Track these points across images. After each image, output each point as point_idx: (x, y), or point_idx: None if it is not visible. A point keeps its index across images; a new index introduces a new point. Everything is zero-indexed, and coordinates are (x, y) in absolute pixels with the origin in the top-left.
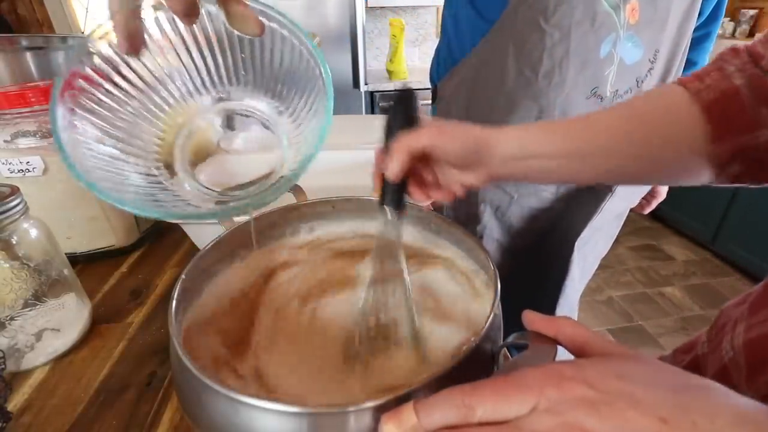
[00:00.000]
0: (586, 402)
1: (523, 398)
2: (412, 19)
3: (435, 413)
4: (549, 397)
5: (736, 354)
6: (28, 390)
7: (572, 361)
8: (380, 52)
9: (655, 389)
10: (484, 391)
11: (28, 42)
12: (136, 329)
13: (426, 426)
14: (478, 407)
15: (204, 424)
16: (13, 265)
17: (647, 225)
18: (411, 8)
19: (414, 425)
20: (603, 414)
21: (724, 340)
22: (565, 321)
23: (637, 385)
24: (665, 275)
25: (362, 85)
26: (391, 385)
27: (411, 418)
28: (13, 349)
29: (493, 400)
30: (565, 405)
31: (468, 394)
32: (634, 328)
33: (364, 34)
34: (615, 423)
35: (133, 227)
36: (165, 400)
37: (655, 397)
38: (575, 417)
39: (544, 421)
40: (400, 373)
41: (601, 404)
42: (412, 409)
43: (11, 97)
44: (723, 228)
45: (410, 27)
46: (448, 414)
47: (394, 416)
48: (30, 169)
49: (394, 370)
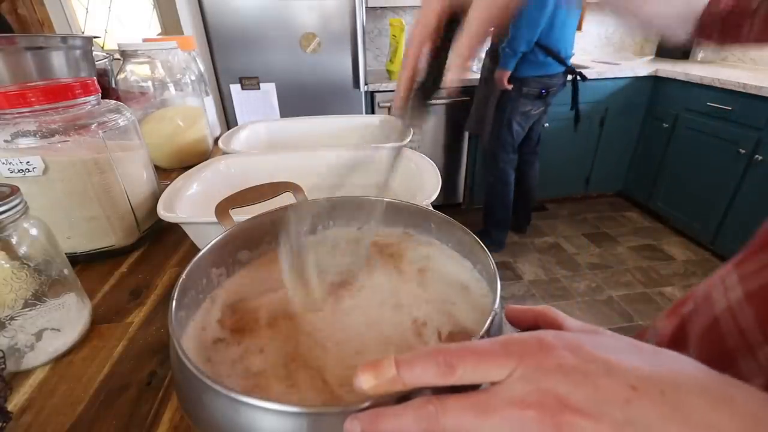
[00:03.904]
0: (561, 370)
1: (503, 363)
2: (412, 18)
3: (416, 368)
4: (527, 365)
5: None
6: (28, 390)
7: (554, 332)
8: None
9: (628, 360)
10: (466, 353)
11: (28, 42)
12: (136, 329)
13: (405, 380)
14: (459, 367)
15: (204, 424)
16: (13, 265)
17: (647, 225)
18: (411, 8)
19: (393, 378)
20: (576, 381)
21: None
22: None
23: (611, 355)
24: (665, 275)
25: (362, 85)
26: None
27: (390, 371)
28: (13, 349)
29: (474, 363)
30: (540, 372)
31: (451, 354)
32: (634, 327)
33: (364, 34)
34: (587, 390)
35: (133, 227)
36: (165, 400)
37: (627, 366)
38: (550, 384)
39: (519, 387)
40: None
41: (576, 372)
42: (392, 361)
43: (11, 97)
44: (723, 228)
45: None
46: (428, 371)
47: (372, 367)
48: (30, 169)
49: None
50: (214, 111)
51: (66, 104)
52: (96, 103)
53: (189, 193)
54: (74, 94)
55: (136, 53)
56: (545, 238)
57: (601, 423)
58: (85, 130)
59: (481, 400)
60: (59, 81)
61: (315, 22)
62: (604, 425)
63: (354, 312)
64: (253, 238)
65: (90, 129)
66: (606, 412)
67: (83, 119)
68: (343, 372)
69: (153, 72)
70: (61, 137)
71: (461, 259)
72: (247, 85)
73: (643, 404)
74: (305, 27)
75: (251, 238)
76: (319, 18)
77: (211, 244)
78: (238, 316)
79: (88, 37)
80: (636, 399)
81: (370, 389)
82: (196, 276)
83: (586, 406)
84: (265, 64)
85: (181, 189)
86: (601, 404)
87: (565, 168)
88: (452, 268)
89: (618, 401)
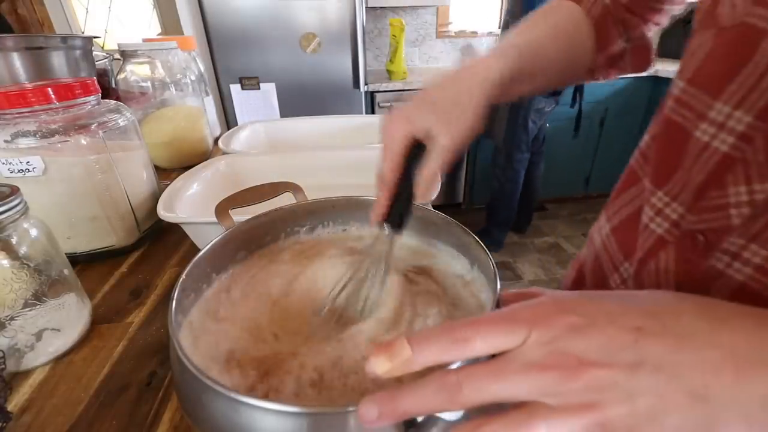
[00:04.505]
0: (572, 328)
1: (515, 331)
2: (412, 19)
3: (432, 346)
4: (539, 329)
5: (605, 240)
6: (28, 390)
7: (551, 296)
8: (380, 52)
9: (625, 304)
10: (478, 325)
11: (28, 42)
12: (136, 329)
13: (421, 361)
14: (472, 339)
15: (204, 424)
16: (13, 265)
17: None
18: (411, 8)
19: (408, 359)
20: (586, 336)
21: (593, 238)
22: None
23: (610, 304)
24: None
25: (362, 85)
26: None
27: (404, 351)
28: (13, 349)
29: (487, 333)
30: (552, 334)
31: (463, 328)
32: None
33: (364, 34)
34: (598, 342)
35: (133, 227)
36: (165, 400)
37: (627, 310)
38: (563, 344)
39: (536, 351)
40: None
41: (585, 327)
42: (405, 342)
43: (11, 97)
44: None
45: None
46: (444, 348)
47: (385, 348)
48: (30, 169)
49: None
50: (214, 111)
51: (66, 104)
52: (96, 103)
53: (189, 193)
54: (74, 94)
55: (136, 53)
56: (545, 238)
57: (616, 368)
58: (85, 130)
59: (501, 368)
60: (59, 81)
61: (315, 22)
62: (619, 369)
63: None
64: (252, 238)
65: (90, 129)
66: (619, 357)
67: (83, 119)
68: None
69: (153, 72)
70: (61, 137)
71: (461, 258)
72: (247, 85)
73: (650, 342)
74: (305, 27)
75: (251, 238)
76: (319, 18)
77: (211, 244)
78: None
79: (88, 37)
80: (642, 338)
81: (385, 373)
82: (196, 276)
83: (600, 357)
84: (265, 64)
85: (181, 189)
86: (614, 352)
87: (565, 168)
88: (452, 268)
89: (628, 344)
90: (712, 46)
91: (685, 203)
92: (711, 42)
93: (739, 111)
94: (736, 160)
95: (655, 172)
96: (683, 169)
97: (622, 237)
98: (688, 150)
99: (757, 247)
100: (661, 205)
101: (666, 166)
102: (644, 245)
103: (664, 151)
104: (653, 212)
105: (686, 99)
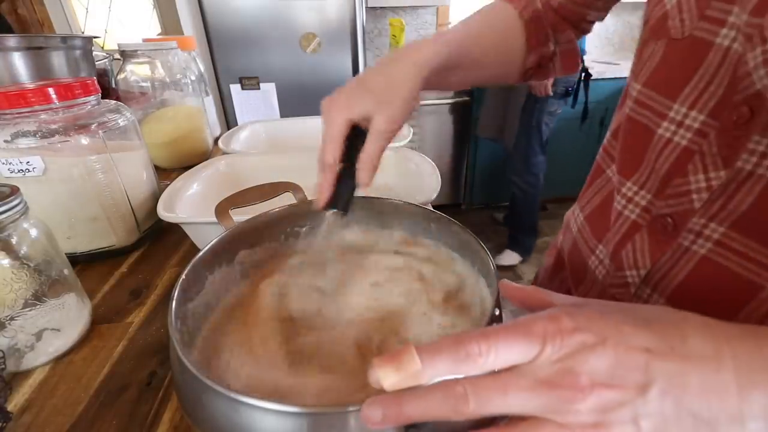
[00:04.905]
0: (584, 346)
1: (528, 346)
2: (412, 19)
3: (444, 359)
4: (552, 345)
5: (581, 227)
6: (28, 390)
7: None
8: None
9: (634, 322)
10: (495, 340)
11: (28, 42)
12: (136, 329)
13: (430, 374)
14: (490, 354)
15: (204, 424)
16: (14, 265)
17: None
18: (411, 8)
19: (416, 372)
20: (599, 354)
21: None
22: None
23: (621, 321)
24: None
25: None
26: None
27: (413, 365)
28: (13, 349)
29: (505, 348)
30: (565, 352)
31: (479, 340)
32: None
33: (364, 34)
34: (610, 361)
35: (133, 227)
36: (165, 400)
37: (636, 330)
38: (575, 363)
39: (547, 368)
40: None
41: (596, 345)
42: (414, 353)
43: (11, 97)
44: None
45: (410, 27)
46: (456, 362)
47: (392, 359)
48: (30, 169)
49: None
50: (214, 111)
51: (66, 104)
52: (96, 103)
53: (189, 193)
54: (74, 94)
55: (136, 53)
56: (545, 238)
57: (624, 390)
58: (85, 130)
59: (511, 383)
60: (59, 81)
61: (315, 22)
62: (627, 391)
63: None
64: (252, 238)
65: (90, 129)
66: (628, 379)
67: (83, 119)
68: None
69: (153, 72)
70: (61, 137)
71: (461, 258)
72: (247, 85)
73: (659, 364)
74: (305, 27)
75: (251, 238)
76: (319, 18)
77: (211, 244)
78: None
79: (88, 37)
80: (652, 360)
81: (391, 386)
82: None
83: (608, 378)
84: (265, 64)
85: (181, 189)
86: (625, 373)
87: (565, 168)
88: (452, 268)
89: (639, 367)
90: (663, 54)
91: (652, 191)
92: (662, 51)
93: (694, 111)
94: (695, 152)
95: (623, 165)
96: (648, 162)
97: (595, 222)
98: (651, 145)
99: (715, 225)
100: (631, 194)
101: (632, 160)
102: (620, 230)
103: (630, 147)
104: (625, 201)
105: (645, 101)
